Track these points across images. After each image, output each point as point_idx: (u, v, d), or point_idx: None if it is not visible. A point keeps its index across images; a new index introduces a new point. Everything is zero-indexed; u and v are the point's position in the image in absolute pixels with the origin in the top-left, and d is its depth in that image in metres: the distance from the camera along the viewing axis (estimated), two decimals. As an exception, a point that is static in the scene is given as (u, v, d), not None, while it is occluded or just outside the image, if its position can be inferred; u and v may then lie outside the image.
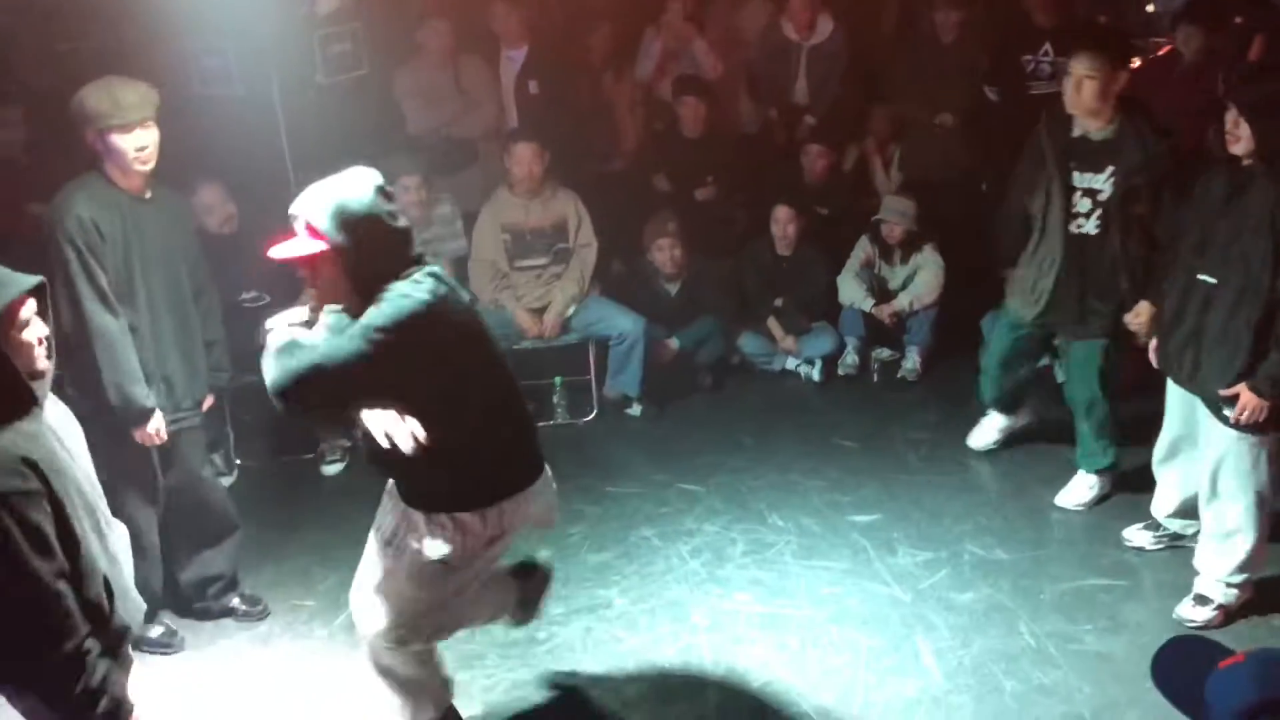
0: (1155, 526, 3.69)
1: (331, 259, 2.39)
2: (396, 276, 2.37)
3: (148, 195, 3.23)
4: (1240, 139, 3.01)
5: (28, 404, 1.94)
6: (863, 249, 5.25)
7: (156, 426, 3.20)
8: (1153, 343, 3.43)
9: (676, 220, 5.06)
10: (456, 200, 4.97)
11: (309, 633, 3.49)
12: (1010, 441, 4.40)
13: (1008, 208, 3.98)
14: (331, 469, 4.55)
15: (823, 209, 5.40)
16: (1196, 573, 3.37)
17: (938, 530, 3.90)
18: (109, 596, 2.04)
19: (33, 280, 1.99)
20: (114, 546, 2.15)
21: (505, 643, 3.38)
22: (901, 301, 5.13)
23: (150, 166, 3.18)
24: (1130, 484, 3.98)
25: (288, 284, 4.54)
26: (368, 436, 2.39)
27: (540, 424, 4.76)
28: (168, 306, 3.29)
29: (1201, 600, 3.34)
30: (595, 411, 4.95)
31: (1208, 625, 3.30)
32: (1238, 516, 3.21)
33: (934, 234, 5.15)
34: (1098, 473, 4.00)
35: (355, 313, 2.34)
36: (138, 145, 3.10)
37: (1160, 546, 3.67)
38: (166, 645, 3.43)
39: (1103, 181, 3.60)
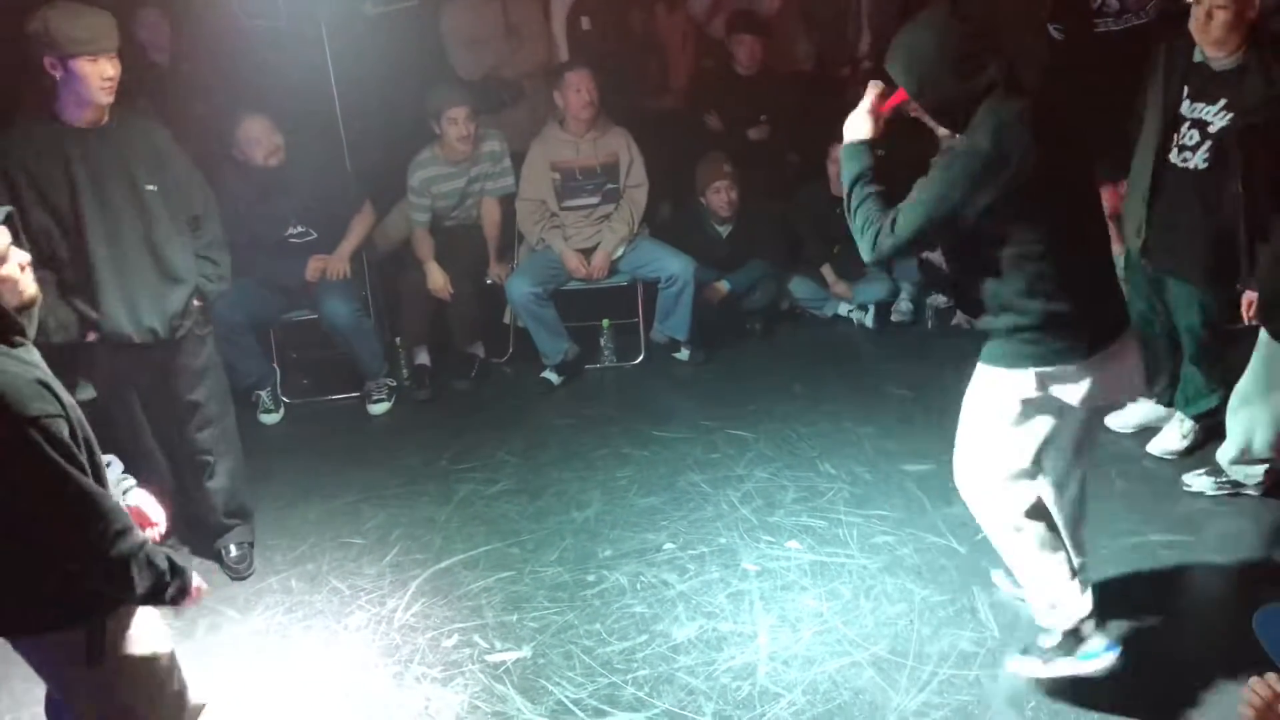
0: (1217, 472, 3.58)
1: None
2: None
3: (104, 122, 3.07)
4: None
5: (11, 334, 1.89)
6: (920, 192, 5.09)
7: None
8: (1248, 294, 3.27)
9: (730, 161, 4.94)
10: (504, 137, 4.87)
11: (358, 570, 3.49)
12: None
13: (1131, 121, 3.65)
14: (378, 408, 4.53)
15: (879, 150, 5.23)
16: (1260, 526, 3.30)
17: (994, 481, 3.80)
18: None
19: (1, 211, 1.92)
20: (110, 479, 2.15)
21: (554, 585, 3.35)
22: (959, 247, 4.98)
23: (112, 99, 3.02)
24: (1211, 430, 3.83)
25: (333, 220, 4.51)
26: None
27: (587, 367, 4.79)
28: (135, 238, 3.15)
29: None
30: (643, 355, 4.88)
31: None
32: None
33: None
34: (1196, 418, 3.79)
35: None
36: (104, 76, 2.94)
37: (1222, 493, 3.57)
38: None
39: (1214, 114, 3.32)
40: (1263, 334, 3.26)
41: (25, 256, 1.95)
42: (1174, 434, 3.86)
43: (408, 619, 3.25)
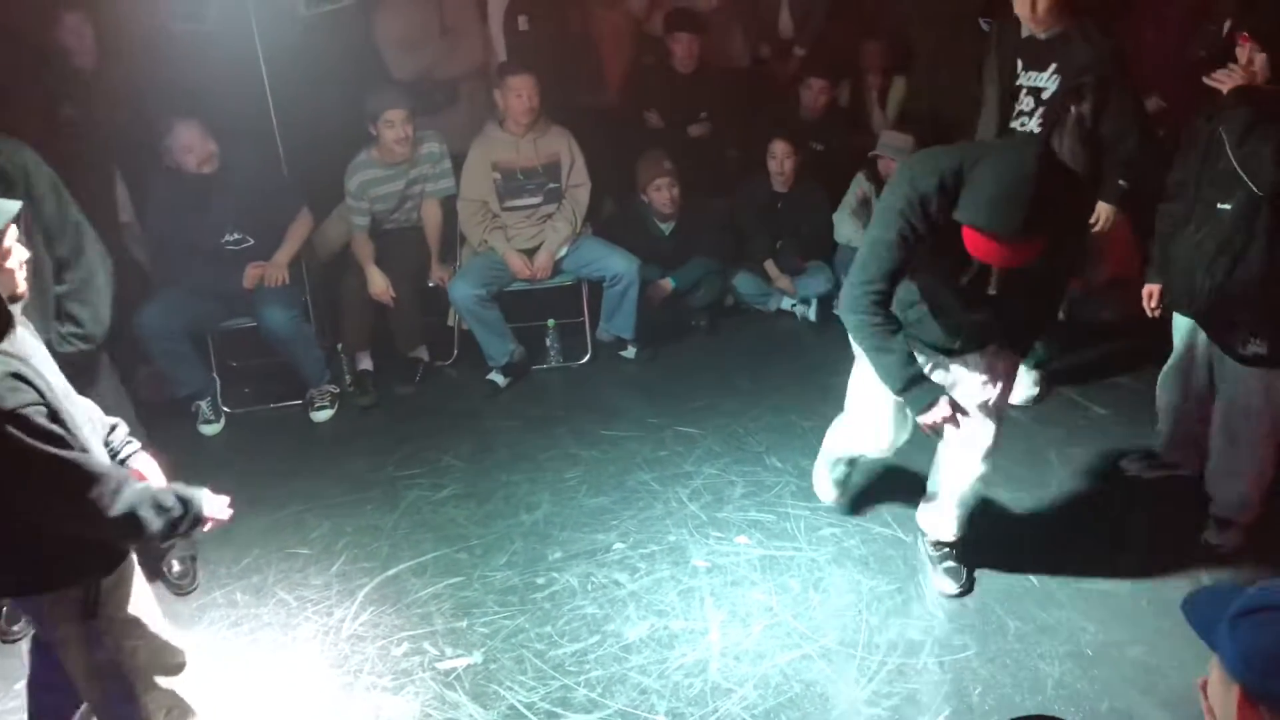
0: (1151, 455, 3.71)
1: None
2: None
3: None
4: (1258, 70, 2.91)
5: (6, 327, 2.00)
6: (859, 186, 5.14)
7: None
8: (1148, 287, 3.38)
9: (671, 158, 4.94)
10: (443, 138, 4.83)
11: (305, 581, 3.44)
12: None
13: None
14: (321, 415, 4.47)
15: (818, 144, 5.29)
16: (1206, 500, 3.40)
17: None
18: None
19: (15, 207, 2.03)
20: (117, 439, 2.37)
21: (503, 589, 3.34)
22: (898, 240, 5.04)
23: None
24: (1129, 419, 4.00)
25: (270, 226, 4.44)
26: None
27: (534, 367, 4.77)
28: None
29: (1223, 524, 3.36)
30: (589, 354, 4.87)
31: (1235, 546, 3.33)
32: (1247, 450, 3.22)
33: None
34: (1037, 367, 4.21)
35: None
36: None
37: (1156, 475, 3.69)
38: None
39: (1046, 79, 3.59)
40: (1176, 318, 3.37)
41: (25, 255, 2.11)
42: (1025, 382, 4.19)
43: (356, 628, 3.21)
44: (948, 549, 3.27)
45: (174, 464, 4.19)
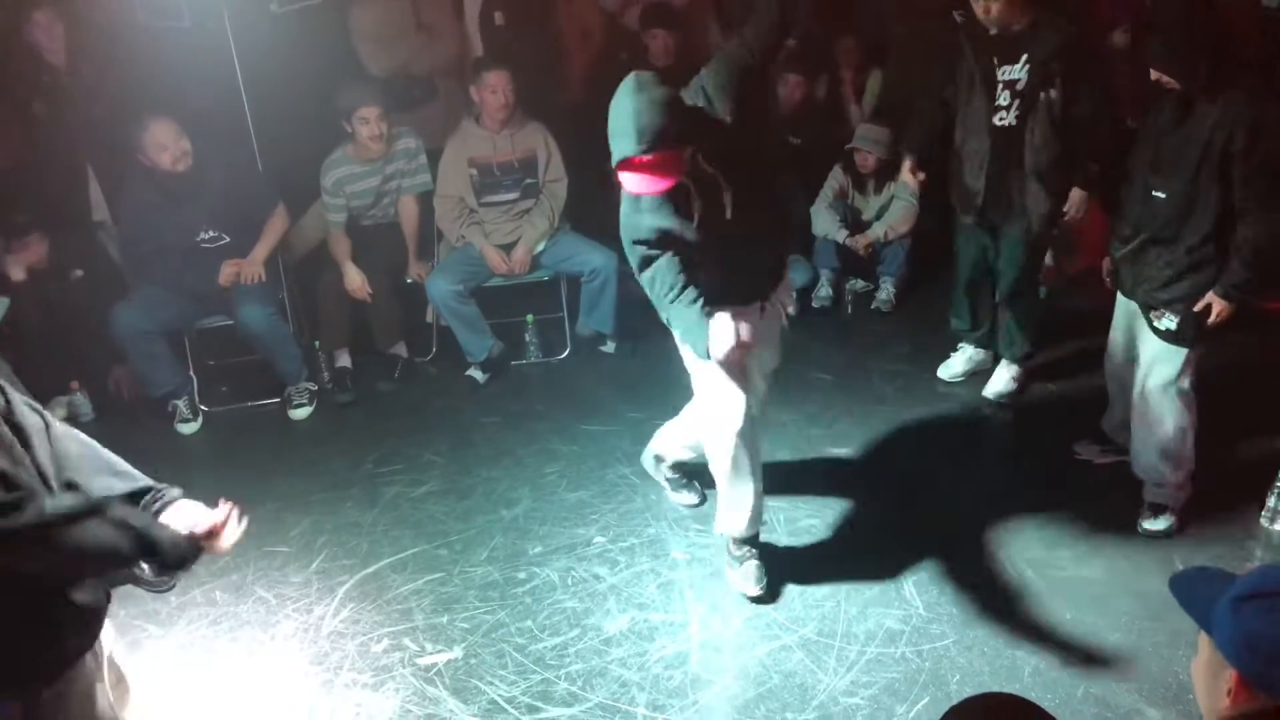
0: (1103, 439, 3.76)
1: None
2: None
3: None
4: (1170, 86, 3.04)
5: None
6: (836, 179, 5.16)
7: None
8: (1105, 263, 3.45)
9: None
10: (419, 135, 4.81)
11: (284, 579, 3.43)
12: (983, 376, 4.39)
13: (926, 98, 4.05)
14: (299, 413, 4.45)
15: (795, 139, 5.30)
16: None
17: (914, 462, 3.88)
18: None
19: None
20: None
21: (484, 584, 3.34)
22: (875, 232, 5.07)
23: None
24: (1088, 403, 4.01)
25: (246, 223, 4.42)
26: None
27: (513, 363, 4.77)
28: None
29: (1156, 509, 3.41)
30: (569, 349, 4.87)
31: (1169, 532, 3.39)
32: (1162, 424, 3.30)
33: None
34: (1017, 362, 4.21)
35: None
36: None
37: (1108, 460, 3.73)
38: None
39: (1019, 71, 3.63)
40: (1119, 298, 3.45)
41: None
42: (1004, 377, 4.21)
43: (336, 625, 3.21)
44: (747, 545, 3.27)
45: (152, 463, 4.21)
